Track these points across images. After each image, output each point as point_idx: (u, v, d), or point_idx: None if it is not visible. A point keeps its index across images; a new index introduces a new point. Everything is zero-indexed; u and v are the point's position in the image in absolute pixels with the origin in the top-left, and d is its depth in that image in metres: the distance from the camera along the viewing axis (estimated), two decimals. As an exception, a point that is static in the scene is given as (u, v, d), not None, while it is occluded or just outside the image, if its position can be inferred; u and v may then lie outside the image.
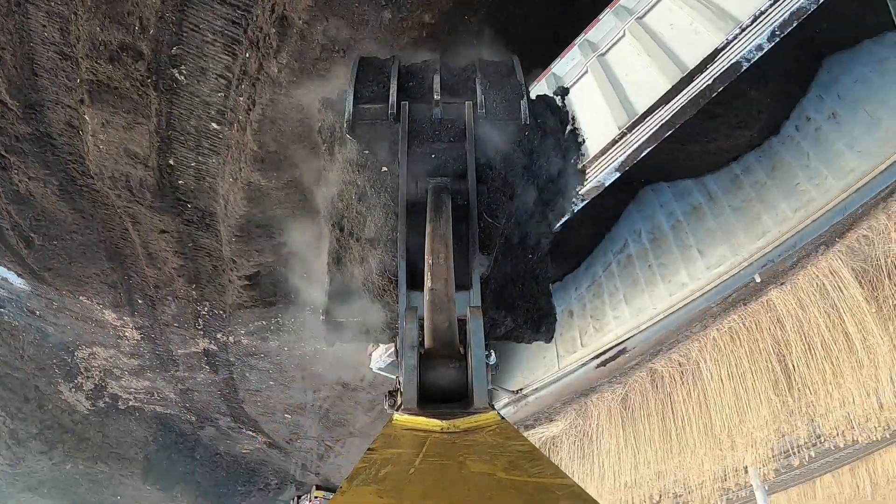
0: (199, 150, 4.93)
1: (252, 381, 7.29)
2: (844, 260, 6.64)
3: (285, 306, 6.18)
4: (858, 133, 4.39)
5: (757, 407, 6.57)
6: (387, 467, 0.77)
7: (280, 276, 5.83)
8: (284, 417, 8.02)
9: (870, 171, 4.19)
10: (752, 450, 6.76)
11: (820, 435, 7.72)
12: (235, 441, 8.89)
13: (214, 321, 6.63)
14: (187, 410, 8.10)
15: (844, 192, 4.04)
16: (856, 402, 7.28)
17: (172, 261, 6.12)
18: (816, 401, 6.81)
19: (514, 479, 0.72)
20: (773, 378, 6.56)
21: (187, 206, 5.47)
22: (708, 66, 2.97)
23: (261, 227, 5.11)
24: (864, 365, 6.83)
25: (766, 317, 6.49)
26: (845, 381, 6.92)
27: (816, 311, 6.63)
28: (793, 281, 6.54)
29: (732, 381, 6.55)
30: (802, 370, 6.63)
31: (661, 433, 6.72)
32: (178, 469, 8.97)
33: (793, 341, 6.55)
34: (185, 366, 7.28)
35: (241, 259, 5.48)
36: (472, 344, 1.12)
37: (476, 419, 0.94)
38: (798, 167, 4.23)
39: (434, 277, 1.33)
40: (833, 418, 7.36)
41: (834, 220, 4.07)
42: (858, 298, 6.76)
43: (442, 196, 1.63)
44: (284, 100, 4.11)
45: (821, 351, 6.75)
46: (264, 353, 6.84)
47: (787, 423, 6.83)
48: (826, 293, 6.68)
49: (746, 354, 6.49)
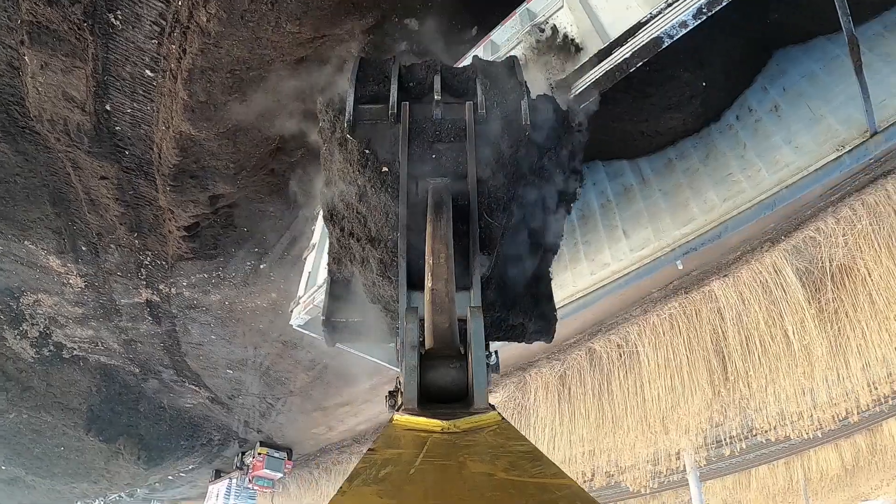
0: (134, 96, 4.85)
1: (194, 335, 7.30)
2: (789, 259, 6.72)
3: (226, 260, 6.14)
4: (798, 128, 4.35)
5: (691, 395, 6.71)
6: (387, 468, 0.77)
7: (220, 229, 5.78)
8: (226, 373, 8.10)
9: (804, 168, 4.15)
10: (685, 436, 6.94)
11: (752, 428, 7.95)
12: (179, 395, 8.94)
13: (157, 272, 6.55)
14: (131, 362, 8.09)
15: (776, 187, 4.01)
16: (790, 399, 7.48)
17: (114, 208, 6.01)
18: (750, 395, 6.97)
19: (515, 480, 0.73)
20: (708, 368, 6.68)
21: (125, 153, 5.38)
22: (628, 40, 2.90)
23: (195, 178, 5.05)
24: (799, 364, 6.96)
25: (706, 307, 6.58)
26: (780, 379, 7.06)
27: (757, 307, 6.73)
28: (735, 274, 6.62)
29: (669, 367, 6.66)
30: (738, 363, 6.75)
31: (597, 412, 6.85)
32: (122, 421, 8.99)
33: (731, 334, 6.66)
34: (128, 316, 7.21)
35: (178, 210, 5.41)
36: (472, 344, 1.11)
37: (476, 419, 0.94)
38: (732, 157, 4.20)
39: (434, 277, 1.33)
40: (766, 413, 7.57)
41: (762, 213, 4.06)
42: (800, 298, 6.86)
43: (442, 196, 1.64)
44: (214, 50, 4.02)
45: (758, 346, 6.86)
46: (206, 307, 6.84)
47: (719, 414, 7.01)
48: (768, 290, 6.78)
49: (684, 342, 6.59)
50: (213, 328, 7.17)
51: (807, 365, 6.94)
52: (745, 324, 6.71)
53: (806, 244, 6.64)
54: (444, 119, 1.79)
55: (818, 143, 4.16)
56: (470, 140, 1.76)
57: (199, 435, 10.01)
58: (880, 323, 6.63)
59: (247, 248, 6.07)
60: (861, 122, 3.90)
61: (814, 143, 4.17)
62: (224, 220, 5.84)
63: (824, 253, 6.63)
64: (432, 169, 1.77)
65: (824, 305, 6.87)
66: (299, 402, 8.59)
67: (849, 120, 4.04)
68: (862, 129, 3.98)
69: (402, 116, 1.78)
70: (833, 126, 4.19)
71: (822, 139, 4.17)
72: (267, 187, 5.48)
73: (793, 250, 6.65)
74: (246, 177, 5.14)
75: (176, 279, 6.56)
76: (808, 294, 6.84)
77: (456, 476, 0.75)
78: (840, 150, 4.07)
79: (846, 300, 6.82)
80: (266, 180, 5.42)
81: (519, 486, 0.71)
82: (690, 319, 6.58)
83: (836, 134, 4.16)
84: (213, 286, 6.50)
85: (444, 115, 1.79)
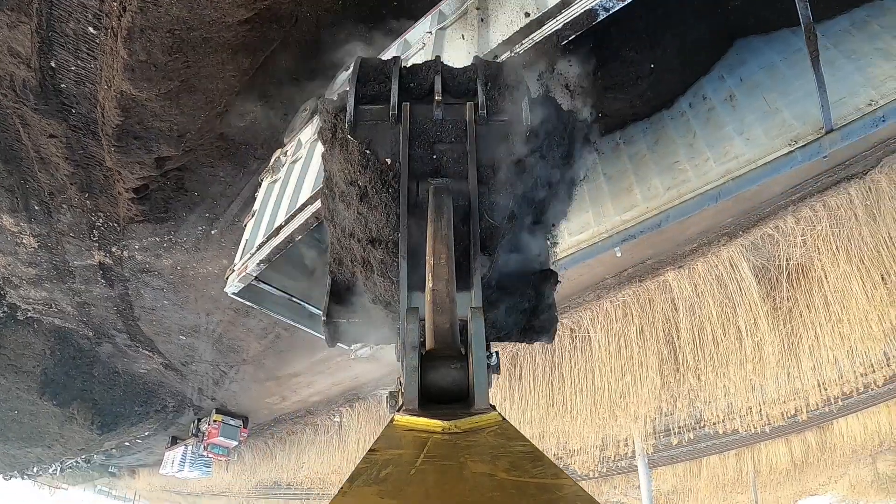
0: (77, 53, 4.73)
1: (147, 299, 7.24)
2: (746, 255, 6.73)
3: (177, 224, 6.05)
4: (751, 120, 4.27)
5: (641, 383, 6.77)
6: (388, 468, 0.77)
7: (170, 192, 5.66)
8: (179, 339, 8.06)
9: (753, 161, 4.08)
10: (634, 423, 7.03)
11: (701, 419, 8.08)
12: (133, 360, 8.87)
13: (109, 234, 6.43)
14: (85, 325, 7.99)
15: (722, 178, 3.94)
16: (739, 393, 7.59)
17: (64, 167, 5.88)
18: (699, 387, 7.05)
19: (516, 480, 0.73)
20: (659, 358, 6.73)
21: (72, 112, 5.25)
22: (562, 12, 2.80)
23: (138, 139, 4.93)
24: (750, 360, 7.01)
25: (660, 297, 6.59)
26: (730, 373, 7.13)
27: (711, 300, 6.76)
28: (691, 265, 6.63)
29: (620, 354, 6.70)
30: (689, 355, 6.80)
31: (547, 394, 6.89)
32: (76, 385, 8.91)
33: (683, 325, 6.69)
34: (81, 278, 7.11)
35: (125, 171, 5.29)
36: (472, 344, 1.12)
37: (477, 420, 0.94)
38: (681, 145, 4.14)
39: (435, 278, 1.33)
40: (715, 406, 7.69)
41: (705, 204, 4.00)
42: (754, 295, 6.89)
43: (443, 197, 1.65)
44: (153, 8, 3.87)
45: (710, 339, 6.90)
46: (158, 271, 6.77)
47: (668, 403, 7.09)
48: (723, 284, 6.80)
49: (637, 331, 6.62)
50: (165, 293, 7.11)
51: (757, 361, 7.00)
52: (699, 316, 6.73)
53: (764, 241, 6.64)
54: (445, 119, 1.80)
55: (770, 136, 4.08)
56: (471, 140, 1.77)
57: (154, 401, 9.95)
58: (833, 326, 6.67)
59: (198, 212, 5.96)
60: (817, 119, 3.80)
61: (766, 136, 4.10)
62: (175, 184, 5.72)
63: (782, 251, 6.63)
64: (433, 169, 1.79)
65: (778, 304, 6.91)
66: (252, 370, 8.57)
67: (805, 115, 3.95)
68: (817, 125, 3.87)
69: (402, 117, 1.79)
70: (788, 120, 4.12)
71: (774, 133, 4.09)
72: (217, 152, 5.36)
73: (750, 246, 6.65)
74: (191, 140, 5.02)
75: (128, 242, 6.45)
76: (762, 291, 6.87)
77: (457, 476, 0.75)
78: (792, 145, 4.00)
79: (801, 300, 6.86)
80: (216, 145, 5.29)
81: (520, 487, 0.71)
82: (644, 308, 6.60)
83: (790, 129, 4.07)
84: (165, 250, 6.40)
85: (444, 116, 1.80)
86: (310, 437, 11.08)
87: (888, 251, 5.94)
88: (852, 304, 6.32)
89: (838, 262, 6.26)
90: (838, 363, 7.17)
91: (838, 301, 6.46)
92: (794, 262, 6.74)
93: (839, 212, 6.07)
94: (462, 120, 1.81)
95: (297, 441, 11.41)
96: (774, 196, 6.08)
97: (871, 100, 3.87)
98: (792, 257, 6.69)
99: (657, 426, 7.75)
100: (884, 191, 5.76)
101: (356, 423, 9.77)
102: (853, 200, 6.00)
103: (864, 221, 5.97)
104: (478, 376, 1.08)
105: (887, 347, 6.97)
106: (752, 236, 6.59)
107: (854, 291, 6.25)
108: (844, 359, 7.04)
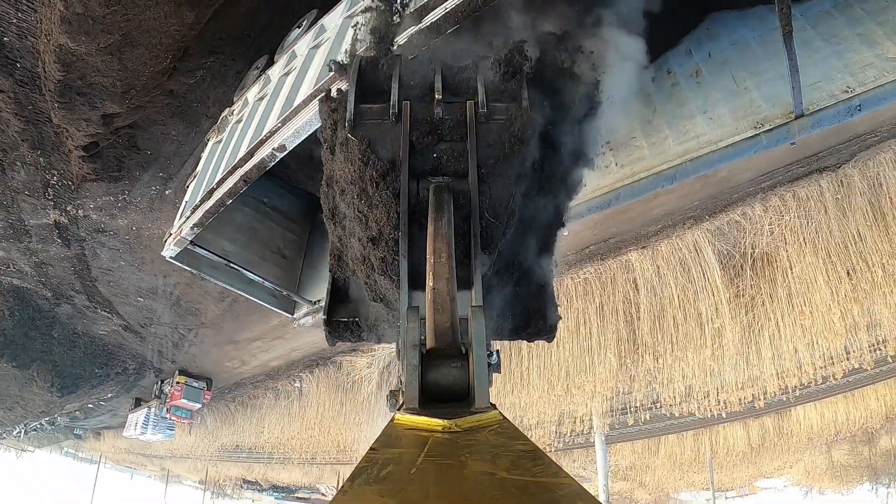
0: (18, 5, 4.56)
1: (103, 260, 7.15)
2: (711, 240, 6.67)
3: (131, 183, 5.90)
4: (717, 99, 4.08)
5: (599, 362, 6.80)
6: (388, 467, 0.77)
7: (122, 150, 5.48)
8: (137, 300, 8.00)
9: (715, 142, 3.93)
10: (590, 401, 7.11)
11: (658, 401, 8.20)
12: (92, 321, 8.79)
13: (64, 192, 6.27)
14: (43, 285, 7.90)
15: (679, 158, 3.81)
16: (696, 377, 7.67)
17: (14, 123, 5.68)
18: (657, 369, 7.11)
19: (517, 479, 0.73)
20: (618, 337, 6.73)
21: (17, 66, 5.07)
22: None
23: (82, 95, 4.75)
24: (709, 346, 7.03)
25: (621, 276, 6.55)
26: (688, 357, 7.17)
27: (673, 283, 6.73)
28: (655, 246, 6.56)
29: (579, 332, 6.69)
30: (647, 336, 6.81)
31: (505, 367, 6.91)
32: (36, 347, 8.84)
33: (644, 306, 6.67)
34: (37, 237, 6.97)
35: (71, 128, 5.12)
36: (473, 343, 1.12)
37: (478, 419, 0.95)
38: (638, 121, 4.01)
39: (436, 276, 1.34)
40: (673, 388, 7.79)
41: (659, 185, 3.89)
42: (717, 281, 6.85)
43: (444, 195, 1.67)
44: None
45: (670, 322, 6.90)
46: (113, 231, 6.65)
47: (625, 384, 7.17)
48: (686, 267, 6.75)
49: (596, 309, 6.60)
50: (121, 254, 6.99)
51: (717, 347, 7.02)
52: (660, 298, 6.71)
53: (730, 227, 6.56)
54: (445, 118, 1.82)
55: (736, 117, 3.87)
56: (471, 139, 1.78)
57: (114, 363, 9.90)
58: (795, 317, 6.68)
59: (151, 171, 5.79)
60: (788, 103, 3.63)
61: (731, 116, 3.90)
62: (126, 142, 5.54)
63: (748, 239, 6.56)
64: (434, 168, 1.81)
65: (741, 291, 6.89)
66: (211, 334, 8.55)
67: (774, 98, 3.76)
68: (787, 109, 3.69)
69: (402, 115, 1.80)
70: (756, 101, 3.86)
71: (740, 114, 3.85)
72: (168, 109, 5.16)
73: (716, 231, 6.58)
74: (137, 97, 4.82)
75: (83, 201, 6.27)
76: (726, 278, 6.84)
77: (457, 475, 0.76)
78: (758, 128, 3.79)
79: (764, 289, 6.85)
80: (165, 102, 5.09)
81: (520, 486, 0.71)
82: (605, 286, 6.56)
83: (757, 110, 3.84)
84: (120, 210, 6.25)
85: (445, 114, 1.81)
86: (271, 402, 11.09)
87: (855, 247, 5.90)
88: (816, 298, 6.32)
89: (804, 254, 6.22)
90: (798, 354, 7.24)
91: (802, 293, 6.45)
92: (760, 251, 6.69)
93: (809, 203, 5.99)
94: (462, 118, 1.82)
95: (258, 405, 11.44)
96: (744, 182, 5.98)
97: (847, 86, 3.65)
98: (758, 246, 6.63)
99: (614, 405, 7.86)
100: (856, 186, 5.67)
101: (316, 389, 9.78)
102: (824, 193, 5.90)
103: (833, 215, 5.91)
104: (478, 375, 1.08)
105: (848, 342, 7.03)
106: (718, 221, 6.50)
107: (818, 285, 6.24)
108: (804, 350, 7.10)
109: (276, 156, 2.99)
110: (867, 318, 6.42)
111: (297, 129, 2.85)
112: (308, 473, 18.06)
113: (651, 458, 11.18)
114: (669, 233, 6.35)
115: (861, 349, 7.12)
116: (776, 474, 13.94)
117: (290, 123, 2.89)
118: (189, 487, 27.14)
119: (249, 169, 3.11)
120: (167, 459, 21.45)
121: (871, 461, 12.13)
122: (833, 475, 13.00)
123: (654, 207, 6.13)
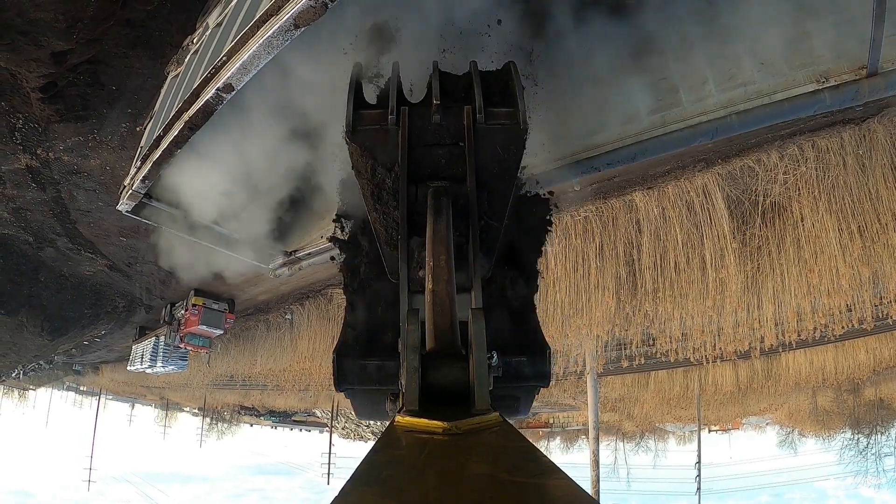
0: None
1: (81, 201, 6.95)
2: (721, 184, 6.28)
3: (99, 122, 5.54)
4: (770, 40, 3.18)
5: (596, 304, 6.67)
6: (389, 469, 0.79)
7: (85, 88, 5.04)
8: (120, 240, 7.85)
9: (767, 94, 3.17)
10: (584, 342, 7.09)
11: (653, 345, 8.23)
12: (77, 263, 8.68)
13: (32, 135, 5.93)
14: (24, 231, 7.72)
15: (722, 110, 3.15)
16: (695, 325, 7.60)
17: (-32, 68, 5.12)
18: (655, 314, 7.01)
19: (516, 481, 0.73)
20: (616, 279, 6.54)
21: None
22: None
23: (24, 34, 4.30)
24: (711, 294, 6.86)
25: (624, 216, 6.24)
26: (688, 304, 7.02)
27: (678, 226, 6.40)
28: (661, 188, 6.18)
29: (577, 271, 6.51)
30: (648, 280, 6.60)
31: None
32: (23, 292, 8.72)
33: (646, 249, 6.40)
34: (11, 183, 6.72)
35: (22, 70, 4.69)
36: (473, 345, 1.13)
37: (478, 420, 0.94)
38: (672, 57, 3.33)
39: (435, 279, 1.36)
40: (669, 334, 7.76)
41: (696, 141, 3.26)
42: (724, 227, 6.54)
43: (442, 199, 1.69)
44: None
45: (671, 267, 6.66)
46: (87, 172, 6.38)
47: (621, 328, 7.10)
48: (693, 211, 6.40)
49: (596, 249, 6.37)
50: (98, 194, 6.74)
51: (718, 296, 6.87)
52: (663, 241, 6.42)
53: (742, 173, 6.15)
54: (443, 123, 1.83)
55: (792, 66, 3.14)
56: (469, 144, 1.80)
57: (103, 302, 9.89)
58: (800, 271, 6.45)
59: (119, 108, 5.37)
60: (857, 55, 3.02)
61: (787, 64, 3.15)
62: (88, 79, 5.10)
63: (760, 186, 6.16)
64: (432, 172, 1.83)
65: (748, 240, 6.60)
66: (198, 270, 8.46)
67: (842, 47, 3.07)
68: (856, 63, 3.07)
69: (401, 121, 1.81)
70: (818, 49, 3.12)
71: (798, 62, 3.13)
72: (127, 40, 4.66)
73: (727, 176, 6.18)
74: (86, 30, 4.32)
75: (52, 143, 5.92)
76: (733, 225, 6.53)
77: (458, 477, 0.77)
78: (821, 82, 3.12)
79: (772, 240, 6.54)
80: (123, 33, 4.58)
81: (520, 487, 0.72)
82: (606, 226, 6.28)
83: (819, 60, 3.13)
84: (91, 150, 5.91)
85: (442, 120, 1.83)
86: (262, 334, 11.06)
87: (871, 205, 5.54)
88: (825, 253, 6.07)
89: (818, 208, 5.88)
90: (800, 310, 7.09)
91: (811, 247, 6.18)
92: (771, 200, 6.31)
93: (828, 156, 5.55)
94: (460, 123, 1.83)
95: (250, 337, 11.46)
96: (761, 127, 5.50)
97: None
98: (770, 194, 6.24)
99: (609, 343, 7.85)
100: (879, 141, 5.23)
101: (307, 321, 9.76)
102: (845, 146, 5.45)
103: (851, 170, 5.48)
104: (479, 377, 1.09)
105: (852, 301, 6.85)
106: (730, 166, 6.08)
107: (829, 240, 5.96)
108: (807, 307, 6.96)
109: (222, 97, 2.51)
110: (874, 277, 6.20)
111: (243, 64, 2.36)
112: (304, 399, 19.00)
113: (641, 392, 11.55)
114: (678, 174, 5.96)
115: (864, 307, 6.96)
116: (761, 414, 14.50)
117: (236, 56, 2.39)
118: (188, 414, 28.86)
119: (194, 113, 2.64)
120: (165, 389, 22.30)
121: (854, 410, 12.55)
122: (816, 420, 13.50)
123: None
